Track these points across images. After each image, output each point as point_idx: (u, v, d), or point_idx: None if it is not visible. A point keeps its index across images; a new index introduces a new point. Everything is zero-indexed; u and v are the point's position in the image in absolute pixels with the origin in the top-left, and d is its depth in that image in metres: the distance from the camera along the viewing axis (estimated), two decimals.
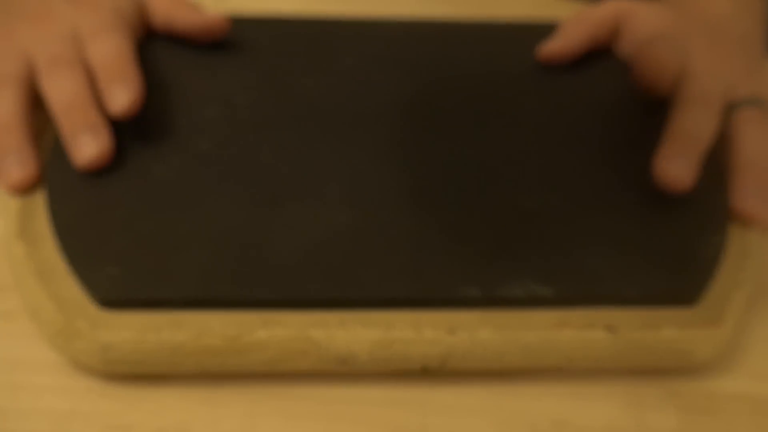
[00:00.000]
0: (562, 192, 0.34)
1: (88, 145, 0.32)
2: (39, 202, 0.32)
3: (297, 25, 0.42)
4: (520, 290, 0.30)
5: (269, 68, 0.39)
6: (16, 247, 0.30)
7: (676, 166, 0.33)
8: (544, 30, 0.42)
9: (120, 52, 0.35)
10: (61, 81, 0.33)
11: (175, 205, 0.32)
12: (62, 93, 0.33)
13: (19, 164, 0.32)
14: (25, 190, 0.32)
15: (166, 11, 0.39)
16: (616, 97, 0.37)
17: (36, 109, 0.34)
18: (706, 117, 0.35)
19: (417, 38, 0.42)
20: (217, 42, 0.39)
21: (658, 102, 0.37)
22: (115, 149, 0.33)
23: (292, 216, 0.32)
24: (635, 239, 0.32)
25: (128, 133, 0.34)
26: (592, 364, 0.30)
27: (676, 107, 0.36)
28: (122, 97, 0.33)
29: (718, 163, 0.36)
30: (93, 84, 0.34)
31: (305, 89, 0.38)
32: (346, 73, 0.39)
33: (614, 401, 0.30)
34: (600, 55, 0.41)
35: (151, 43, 0.39)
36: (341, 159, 0.34)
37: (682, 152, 0.34)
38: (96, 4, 0.36)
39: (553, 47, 0.40)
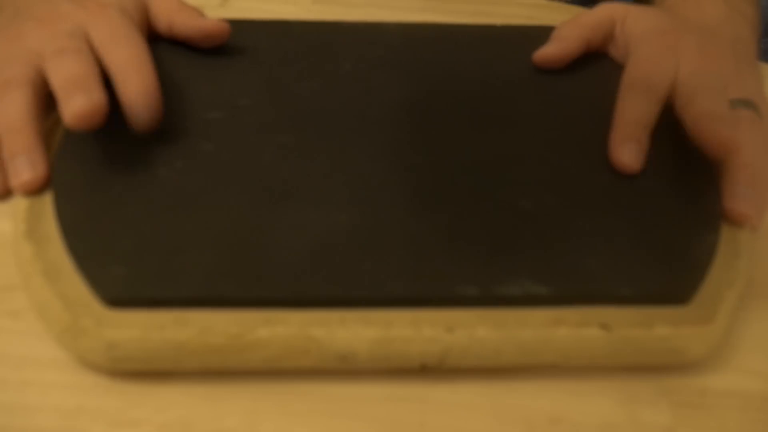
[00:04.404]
0: (558, 192, 0.34)
1: (79, 102, 0.32)
2: (46, 203, 0.32)
3: (298, 28, 0.42)
4: (517, 289, 0.30)
5: (271, 71, 0.39)
6: (23, 247, 0.31)
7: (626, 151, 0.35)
8: (540, 32, 0.42)
9: (135, 53, 0.35)
10: (65, 63, 0.33)
11: (179, 206, 0.32)
12: (65, 71, 0.33)
13: (30, 166, 0.32)
14: (35, 191, 0.32)
15: (169, 15, 0.39)
16: (610, 99, 0.38)
17: (45, 111, 0.34)
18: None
19: (416, 41, 0.42)
20: (219, 46, 0.40)
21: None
22: (109, 105, 0.33)
23: (293, 217, 0.32)
24: (629, 239, 0.32)
25: (133, 135, 0.34)
26: (587, 362, 0.30)
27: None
28: (137, 84, 0.33)
29: (710, 163, 0.36)
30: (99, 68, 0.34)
31: (306, 91, 0.38)
32: (347, 76, 0.39)
33: (609, 397, 0.30)
34: (595, 58, 0.42)
35: (154, 47, 0.39)
36: (342, 160, 0.35)
37: (631, 136, 0.35)
38: (102, 5, 0.37)
39: (548, 52, 0.40)
